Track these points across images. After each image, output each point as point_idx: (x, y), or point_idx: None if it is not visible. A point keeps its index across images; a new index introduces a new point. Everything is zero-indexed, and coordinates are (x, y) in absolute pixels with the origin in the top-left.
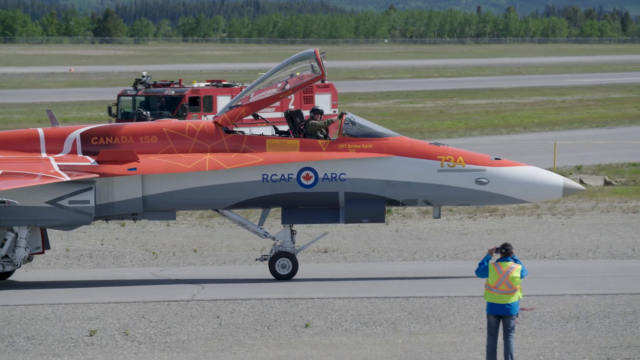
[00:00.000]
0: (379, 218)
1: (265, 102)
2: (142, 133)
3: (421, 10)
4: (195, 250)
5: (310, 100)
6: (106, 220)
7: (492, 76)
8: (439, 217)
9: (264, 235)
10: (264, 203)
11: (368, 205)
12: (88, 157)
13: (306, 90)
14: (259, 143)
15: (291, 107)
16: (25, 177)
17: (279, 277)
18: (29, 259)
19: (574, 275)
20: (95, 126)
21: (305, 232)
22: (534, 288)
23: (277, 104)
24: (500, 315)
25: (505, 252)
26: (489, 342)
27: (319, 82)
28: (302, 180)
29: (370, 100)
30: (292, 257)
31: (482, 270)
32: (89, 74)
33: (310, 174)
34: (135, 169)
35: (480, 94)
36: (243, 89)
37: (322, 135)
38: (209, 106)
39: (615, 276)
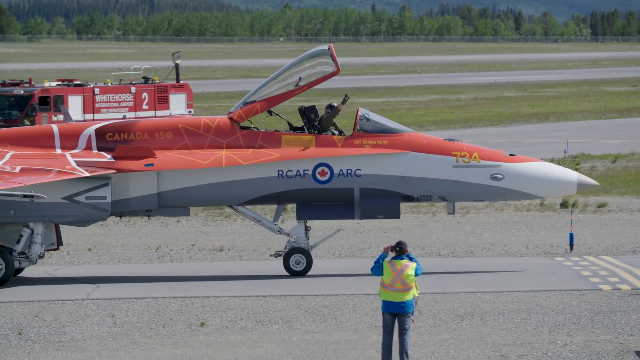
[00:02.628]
0: (394, 214)
1: (281, 98)
2: (157, 129)
3: (316, 8)
4: (90, 249)
5: (165, 100)
6: (120, 216)
7: (388, 75)
8: (453, 212)
9: (278, 231)
10: (279, 199)
11: (383, 201)
12: (104, 153)
13: (160, 90)
14: (274, 139)
15: (145, 107)
16: (44, 173)
17: (293, 273)
18: (41, 255)
19: (469, 272)
20: (110, 122)
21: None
22: (429, 286)
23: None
24: (395, 313)
25: (399, 250)
26: (384, 340)
27: (174, 82)
28: (318, 176)
29: None
30: (306, 253)
31: (377, 269)
32: None
33: (326, 170)
34: (152, 164)
35: (376, 93)
36: (258, 85)
37: (336, 131)
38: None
39: (509, 274)
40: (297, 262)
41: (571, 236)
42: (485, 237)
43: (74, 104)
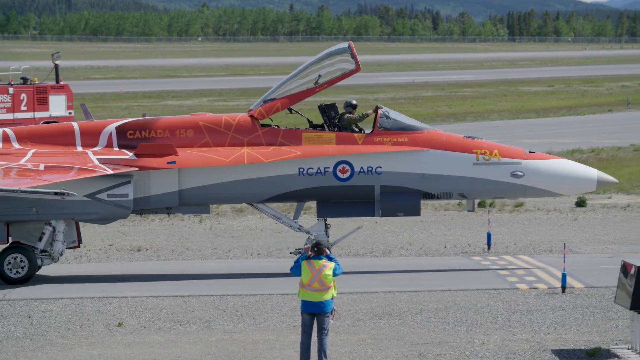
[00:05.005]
0: (415, 211)
1: (301, 96)
2: (178, 127)
3: (234, 8)
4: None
5: (44, 101)
6: (140, 214)
7: None
8: (473, 210)
9: (298, 228)
10: (299, 197)
11: (403, 199)
12: (125, 151)
13: (39, 91)
14: (295, 136)
15: (24, 108)
16: (68, 171)
17: None
18: (62, 253)
19: (387, 272)
20: (130, 120)
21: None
22: (347, 285)
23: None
24: (314, 313)
25: (317, 251)
26: (303, 340)
27: (53, 83)
28: (338, 173)
29: (183, 98)
30: None
31: (296, 269)
32: None
33: (347, 167)
34: (174, 162)
35: None
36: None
37: (357, 129)
38: None
39: (427, 273)
40: None
41: (489, 235)
42: (404, 237)
43: None
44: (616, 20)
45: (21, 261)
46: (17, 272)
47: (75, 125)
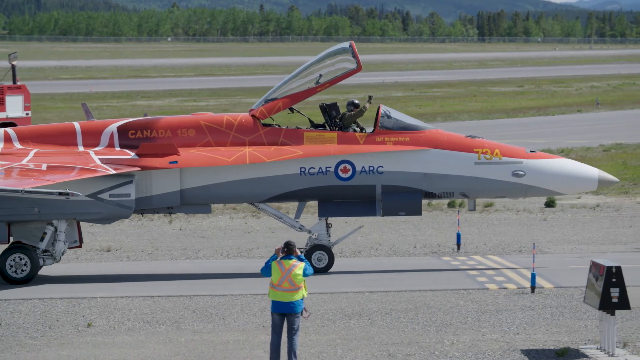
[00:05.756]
0: (416, 211)
1: (302, 95)
2: (180, 126)
3: (204, 8)
4: None
5: (1, 102)
6: (141, 214)
7: (275, 75)
8: (474, 209)
9: (299, 228)
10: (300, 196)
11: (405, 198)
12: (127, 151)
13: None
14: (296, 136)
15: None
16: (70, 171)
17: (315, 270)
18: (63, 253)
19: (357, 272)
20: (132, 120)
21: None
22: (317, 286)
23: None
24: (284, 313)
25: (287, 251)
26: (272, 340)
27: (10, 84)
28: (340, 173)
29: (153, 98)
30: (327, 250)
31: (267, 269)
32: None
33: (348, 167)
34: (176, 162)
35: (263, 93)
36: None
37: (358, 129)
38: None
39: (397, 273)
40: (319, 259)
41: (458, 236)
42: (373, 237)
43: None
44: (585, 21)
45: (23, 261)
46: (19, 272)
47: (76, 125)
